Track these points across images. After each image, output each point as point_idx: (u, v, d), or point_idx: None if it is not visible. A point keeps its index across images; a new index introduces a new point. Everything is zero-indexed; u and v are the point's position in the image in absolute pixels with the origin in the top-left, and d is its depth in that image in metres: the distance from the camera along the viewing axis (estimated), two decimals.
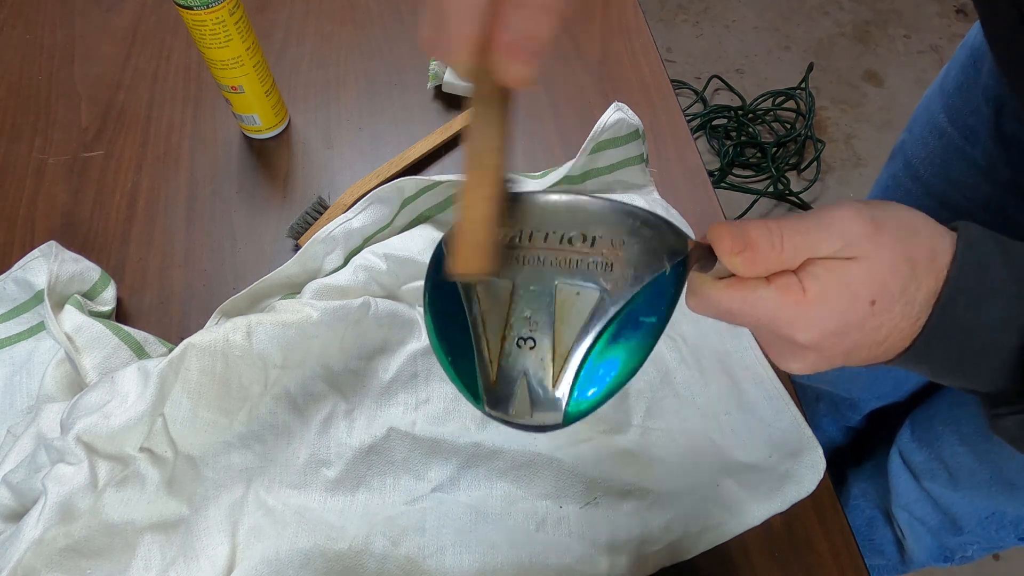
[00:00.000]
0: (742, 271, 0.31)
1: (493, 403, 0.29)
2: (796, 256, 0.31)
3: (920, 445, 0.78)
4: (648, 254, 0.30)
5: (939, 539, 0.83)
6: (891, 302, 0.31)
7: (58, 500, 0.43)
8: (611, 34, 0.76)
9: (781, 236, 0.31)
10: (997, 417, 0.33)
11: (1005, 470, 0.66)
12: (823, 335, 0.31)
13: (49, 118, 0.72)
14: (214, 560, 0.47)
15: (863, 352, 0.33)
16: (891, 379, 0.85)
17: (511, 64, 0.25)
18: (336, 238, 0.56)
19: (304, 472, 0.50)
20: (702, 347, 0.54)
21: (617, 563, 0.47)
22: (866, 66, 1.81)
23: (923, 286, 0.31)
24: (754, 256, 0.30)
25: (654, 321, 0.29)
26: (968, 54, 0.61)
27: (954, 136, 0.62)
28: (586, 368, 0.29)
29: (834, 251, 0.31)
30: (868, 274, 0.31)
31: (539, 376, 0.29)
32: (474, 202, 0.28)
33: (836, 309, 0.31)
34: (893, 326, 0.32)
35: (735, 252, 0.30)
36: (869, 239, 0.31)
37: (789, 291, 0.31)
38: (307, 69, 0.75)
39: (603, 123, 0.58)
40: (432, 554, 0.48)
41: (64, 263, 0.55)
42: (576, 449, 0.51)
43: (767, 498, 0.48)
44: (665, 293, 0.30)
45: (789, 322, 0.31)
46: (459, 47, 0.25)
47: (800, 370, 0.34)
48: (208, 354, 0.48)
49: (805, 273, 0.31)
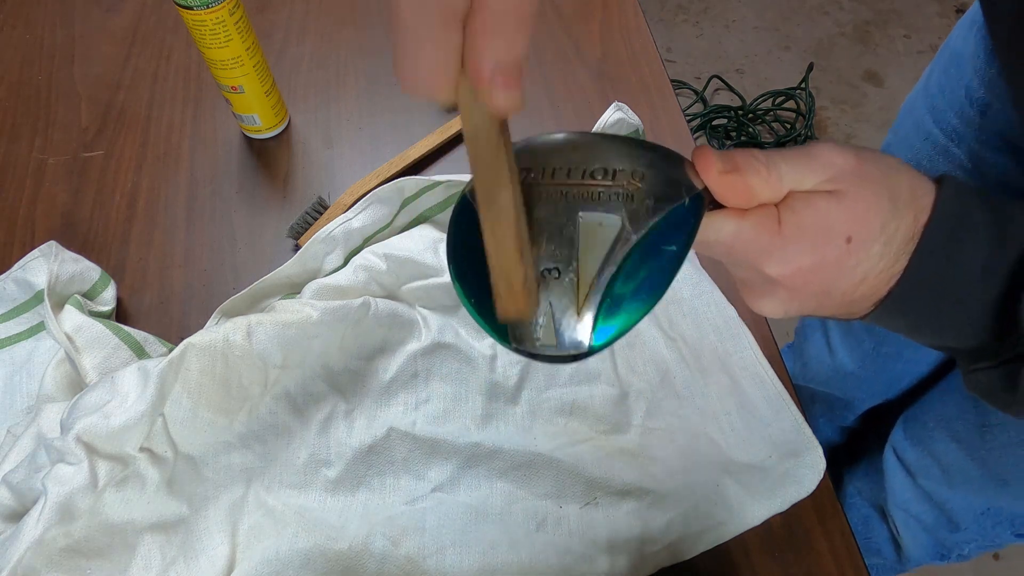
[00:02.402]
0: (728, 197, 0.31)
1: (519, 337, 0.29)
2: (781, 184, 0.31)
3: (913, 443, 0.78)
4: (667, 186, 0.30)
5: (935, 537, 0.83)
6: (869, 240, 0.31)
7: (58, 500, 0.43)
8: (611, 34, 0.76)
9: (766, 162, 0.31)
10: (973, 373, 0.33)
11: (996, 466, 0.66)
12: (795, 270, 0.31)
13: (49, 118, 0.72)
14: (214, 560, 0.47)
15: (836, 297, 0.32)
16: (884, 378, 0.86)
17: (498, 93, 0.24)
18: (336, 238, 0.56)
19: (304, 472, 0.50)
20: (702, 347, 0.55)
21: (617, 563, 0.47)
22: (866, 66, 1.81)
23: (902, 225, 0.31)
24: (739, 179, 0.30)
25: (674, 250, 0.30)
26: (950, 55, 0.62)
27: (939, 137, 0.62)
28: (610, 295, 0.29)
29: (818, 183, 0.31)
30: (847, 210, 0.31)
31: (564, 305, 0.29)
32: (499, 246, 0.28)
33: (811, 243, 0.31)
34: (870, 267, 0.31)
35: (722, 171, 0.30)
36: (853, 172, 0.31)
37: (765, 222, 0.31)
38: (307, 69, 0.75)
39: (603, 123, 0.58)
40: (432, 554, 0.48)
41: (64, 263, 0.55)
42: (576, 449, 0.51)
43: (767, 498, 0.48)
44: (685, 223, 0.30)
45: (762, 253, 0.31)
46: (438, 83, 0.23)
47: (772, 311, 0.34)
48: (208, 354, 0.48)
49: (784, 206, 0.31)
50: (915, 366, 0.82)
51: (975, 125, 0.58)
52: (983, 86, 0.56)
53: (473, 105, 0.25)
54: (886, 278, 0.32)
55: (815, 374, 0.95)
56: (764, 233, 0.31)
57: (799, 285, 0.32)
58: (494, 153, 0.27)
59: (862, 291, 0.32)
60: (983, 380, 0.33)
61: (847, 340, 0.86)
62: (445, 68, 0.23)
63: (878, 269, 0.31)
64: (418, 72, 0.23)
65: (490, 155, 0.27)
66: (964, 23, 0.61)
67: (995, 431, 0.64)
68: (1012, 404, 0.32)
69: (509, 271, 0.28)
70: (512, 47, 0.23)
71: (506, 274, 0.28)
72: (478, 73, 0.23)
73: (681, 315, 0.56)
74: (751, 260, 0.32)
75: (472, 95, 0.25)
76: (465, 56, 0.23)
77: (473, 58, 0.23)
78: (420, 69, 0.23)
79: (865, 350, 0.83)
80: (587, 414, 0.52)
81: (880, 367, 0.83)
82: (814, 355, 0.93)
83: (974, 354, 0.33)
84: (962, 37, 0.60)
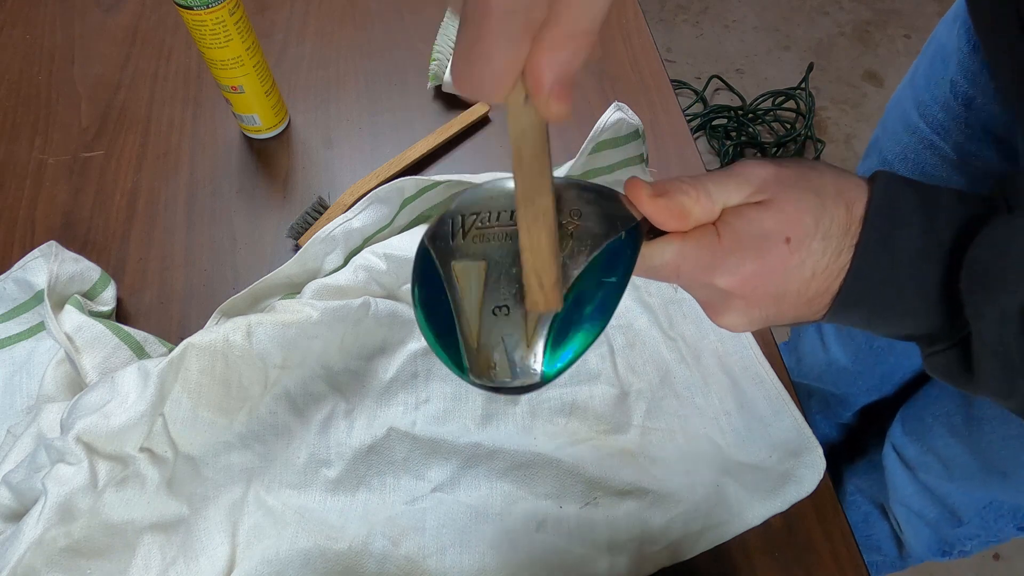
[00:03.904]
0: (665, 221, 0.33)
1: (477, 372, 0.31)
2: (711, 203, 0.33)
3: (912, 439, 0.78)
4: (604, 221, 0.33)
5: (938, 532, 0.83)
6: (807, 237, 0.32)
7: (58, 500, 0.43)
8: (611, 34, 0.76)
9: (693, 183, 0.33)
10: (931, 356, 0.34)
11: (995, 460, 0.66)
12: (743, 278, 0.33)
13: (49, 118, 0.72)
14: (214, 560, 0.47)
15: (791, 297, 0.34)
16: (878, 373, 0.86)
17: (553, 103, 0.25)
18: (336, 238, 0.56)
19: (304, 472, 0.50)
20: (702, 347, 0.55)
21: (617, 563, 0.47)
22: (866, 66, 1.81)
23: (836, 217, 0.32)
24: (670, 201, 0.32)
25: (614, 280, 0.32)
26: (935, 50, 0.63)
27: (925, 131, 0.63)
28: (557, 327, 0.31)
29: (744, 197, 0.33)
30: (777, 213, 0.32)
31: (515, 339, 0.31)
32: (534, 245, 0.30)
33: (751, 250, 0.33)
34: (816, 263, 0.33)
35: (651, 195, 0.32)
36: (774, 180, 0.33)
37: (705, 238, 0.33)
38: (307, 69, 0.75)
39: (603, 123, 0.58)
40: (432, 554, 0.48)
41: (64, 263, 0.55)
42: (576, 449, 0.51)
43: (767, 498, 0.48)
44: (622, 255, 0.32)
45: (708, 268, 0.33)
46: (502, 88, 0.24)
47: (735, 324, 0.35)
48: (208, 354, 0.48)
49: (720, 222, 0.33)
50: (908, 360, 0.82)
51: (960, 119, 0.59)
52: (967, 80, 0.57)
53: (523, 109, 0.27)
54: (835, 272, 0.33)
55: (809, 370, 0.95)
56: (705, 249, 0.33)
57: (750, 292, 0.33)
58: (538, 157, 0.28)
59: (815, 287, 0.33)
60: (941, 362, 0.34)
61: (840, 335, 0.86)
62: (513, 72, 0.24)
63: (824, 264, 0.33)
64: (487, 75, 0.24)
65: (534, 158, 0.28)
66: (948, 18, 0.62)
67: (992, 424, 0.64)
68: (970, 383, 0.33)
69: (542, 269, 0.30)
70: (573, 63, 0.24)
71: (539, 272, 0.30)
72: (539, 82, 0.24)
73: (681, 315, 0.56)
74: (701, 278, 0.34)
75: (523, 100, 0.26)
76: (529, 65, 0.24)
77: (538, 68, 0.24)
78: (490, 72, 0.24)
79: (858, 344, 0.84)
80: (587, 414, 0.52)
81: (873, 362, 0.84)
82: (808, 351, 0.94)
83: (929, 339, 0.34)
84: (946, 32, 0.61)
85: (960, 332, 0.32)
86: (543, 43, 0.24)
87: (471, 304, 0.32)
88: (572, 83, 0.25)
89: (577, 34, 0.24)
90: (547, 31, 0.23)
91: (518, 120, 0.27)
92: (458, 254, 0.33)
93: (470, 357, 0.31)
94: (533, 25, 0.23)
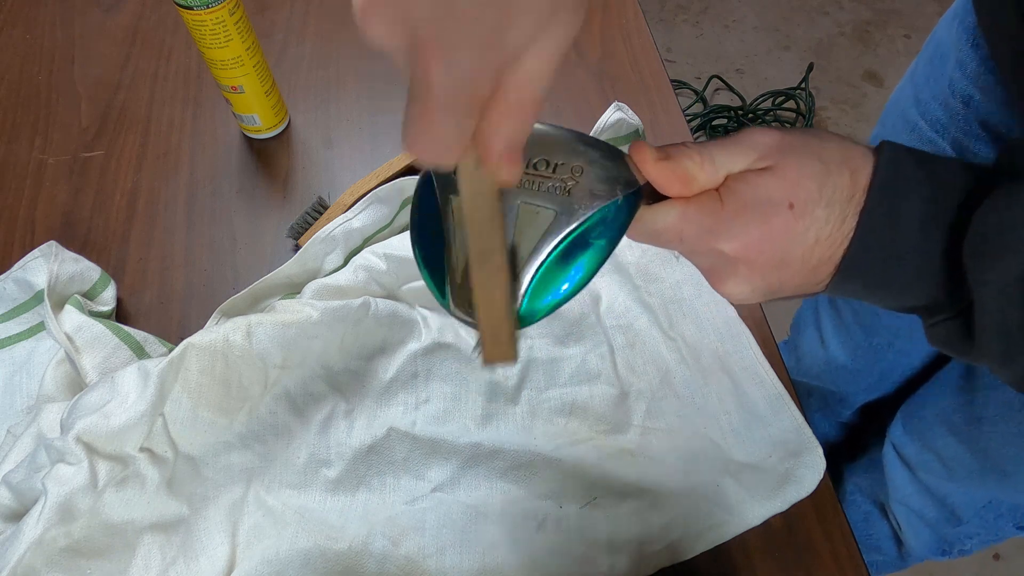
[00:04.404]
0: (668, 185, 0.33)
1: (458, 303, 0.32)
2: (715, 168, 0.33)
3: (912, 438, 0.78)
4: (604, 182, 0.33)
5: (938, 531, 0.83)
6: (811, 203, 0.32)
7: (58, 500, 0.43)
8: (611, 34, 0.76)
9: (698, 149, 0.33)
10: (932, 327, 0.34)
11: (995, 458, 0.66)
12: (747, 243, 0.33)
13: (49, 118, 0.72)
14: (214, 560, 0.47)
15: (795, 264, 0.34)
16: (876, 371, 0.86)
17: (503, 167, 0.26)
18: (336, 238, 0.56)
19: (304, 472, 0.50)
20: (702, 347, 0.54)
21: (617, 563, 0.47)
22: (866, 66, 1.81)
23: (840, 183, 0.32)
24: (674, 164, 0.32)
25: (603, 243, 0.32)
26: (935, 47, 0.63)
27: (924, 129, 0.63)
28: (539, 277, 0.32)
29: (749, 163, 0.33)
30: (781, 179, 0.32)
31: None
32: (489, 302, 0.30)
33: (755, 215, 0.33)
34: (819, 230, 0.33)
35: (656, 159, 0.32)
36: (778, 147, 0.33)
37: (708, 203, 0.33)
38: (307, 69, 0.75)
39: (603, 123, 0.58)
40: (432, 554, 0.48)
41: (64, 263, 0.55)
42: (576, 449, 0.51)
43: (767, 498, 0.48)
44: (616, 219, 0.33)
45: (711, 232, 0.33)
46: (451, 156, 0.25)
47: (738, 292, 0.35)
48: (208, 354, 0.48)
49: (723, 188, 0.33)
50: (906, 357, 0.82)
51: (959, 116, 0.59)
52: (966, 78, 0.57)
53: (474, 173, 0.27)
54: (838, 239, 0.33)
55: (808, 368, 0.95)
56: (708, 213, 0.33)
57: (754, 257, 0.33)
58: (490, 217, 0.29)
59: (818, 255, 0.33)
60: (942, 332, 0.34)
61: (839, 333, 0.86)
62: (461, 142, 0.25)
63: (827, 231, 0.33)
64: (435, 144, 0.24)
65: (487, 219, 0.29)
66: (947, 17, 0.62)
67: (992, 423, 0.64)
68: (970, 352, 0.33)
69: (497, 325, 0.31)
70: (522, 131, 0.26)
71: (494, 327, 0.31)
72: (489, 150, 0.25)
73: (681, 315, 0.56)
74: (704, 242, 0.34)
75: (474, 165, 0.27)
76: (479, 134, 0.25)
77: (488, 138, 0.25)
78: (437, 142, 0.24)
79: (856, 342, 0.84)
80: (587, 414, 0.52)
81: (872, 359, 0.84)
82: (807, 349, 0.94)
83: (931, 309, 0.34)
84: (945, 30, 0.61)
85: (962, 302, 0.32)
86: (492, 113, 0.25)
87: (463, 240, 0.32)
88: (522, 148, 0.26)
89: (525, 102, 0.25)
90: (495, 101, 0.24)
91: (470, 183, 0.28)
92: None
93: (453, 289, 0.32)
94: (479, 98, 0.24)
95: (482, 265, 0.30)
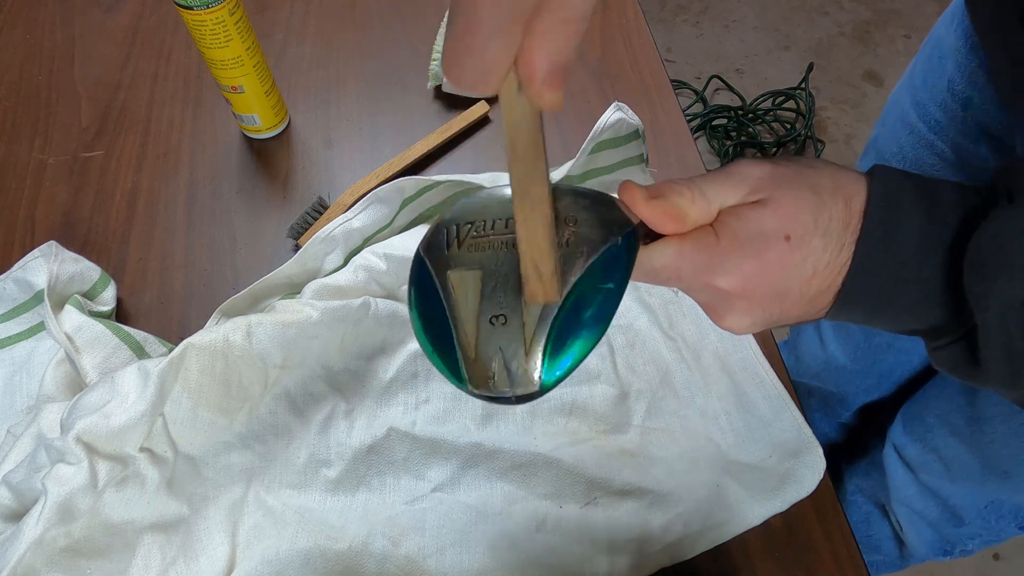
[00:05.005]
0: (662, 223, 0.33)
1: (475, 382, 0.31)
2: (708, 204, 0.33)
3: (913, 439, 0.78)
4: (601, 228, 0.32)
5: (939, 532, 0.83)
6: (807, 234, 0.32)
7: (58, 500, 0.43)
8: (611, 34, 0.76)
9: (689, 184, 0.33)
10: (936, 351, 0.34)
11: (996, 459, 0.66)
12: (744, 278, 0.33)
13: (49, 118, 0.72)
14: (214, 560, 0.47)
15: (793, 296, 0.34)
16: (876, 371, 0.86)
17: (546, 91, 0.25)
18: (336, 238, 0.56)
19: (304, 472, 0.50)
20: (702, 347, 0.55)
21: (617, 563, 0.47)
22: (866, 66, 1.81)
23: (835, 212, 0.32)
24: (665, 202, 0.32)
25: (612, 287, 0.32)
26: (933, 47, 0.63)
27: (923, 130, 0.63)
28: (555, 335, 0.31)
29: (741, 197, 0.33)
30: (775, 212, 0.32)
31: (513, 349, 0.31)
32: (531, 235, 0.30)
33: (750, 249, 0.32)
34: (816, 261, 0.32)
35: (647, 198, 0.32)
36: (771, 179, 0.33)
37: (703, 239, 0.33)
38: (307, 69, 0.75)
39: (603, 123, 0.58)
40: (432, 554, 0.48)
41: (64, 263, 0.55)
42: (576, 449, 0.51)
43: (767, 498, 0.48)
44: (620, 260, 0.32)
45: (708, 269, 0.33)
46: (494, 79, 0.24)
47: (739, 326, 0.35)
48: (208, 354, 0.48)
49: (717, 223, 0.33)
50: (906, 357, 0.82)
51: (957, 118, 0.59)
52: (965, 80, 0.57)
53: (516, 99, 0.26)
54: (836, 269, 0.33)
55: (808, 368, 0.95)
56: (704, 249, 0.33)
57: (751, 291, 0.33)
58: (532, 147, 0.28)
59: (816, 285, 0.33)
60: (947, 356, 0.34)
61: (838, 334, 0.86)
62: (505, 64, 0.24)
63: (825, 261, 0.33)
64: (478, 66, 0.24)
65: (528, 148, 0.28)
66: (946, 17, 0.62)
67: (992, 423, 0.64)
68: (977, 376, 0.33)
69: (539, 259, 0.30)
70: (566, 51, 0.24)
71: (536, 262, 0.30)
72: (532, 71, 0.24)
73: (681, 315, 0.56)
74: (700, 279, 0.33)
75: (516, 90, 0.26)
76: (521, 54, 0.24)
77: (531, 57, 0.24)
78: (482, 62, 0.23)
79: (856, 342, 0.84)
80: (587, 414, 0.52)
81: (871, 360, 0.84)
82: (807, 349, 0.94)
83: (935, 333, 0.34)
84: (944, 31, 0.61)
85: (965, 325, 0.32)
86: (535, 31, 0.23)
87: (468, 314, 0.32)
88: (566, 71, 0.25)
89: (570, 20, 0.23)
90: (539, 18, 0.23)
91: (511, 110, 0.27)
92: (453, 263, 0.33)
93: (468, 367, 0.31)
94: (524, 13, 0.23)
95: (523, 197, 0.29)
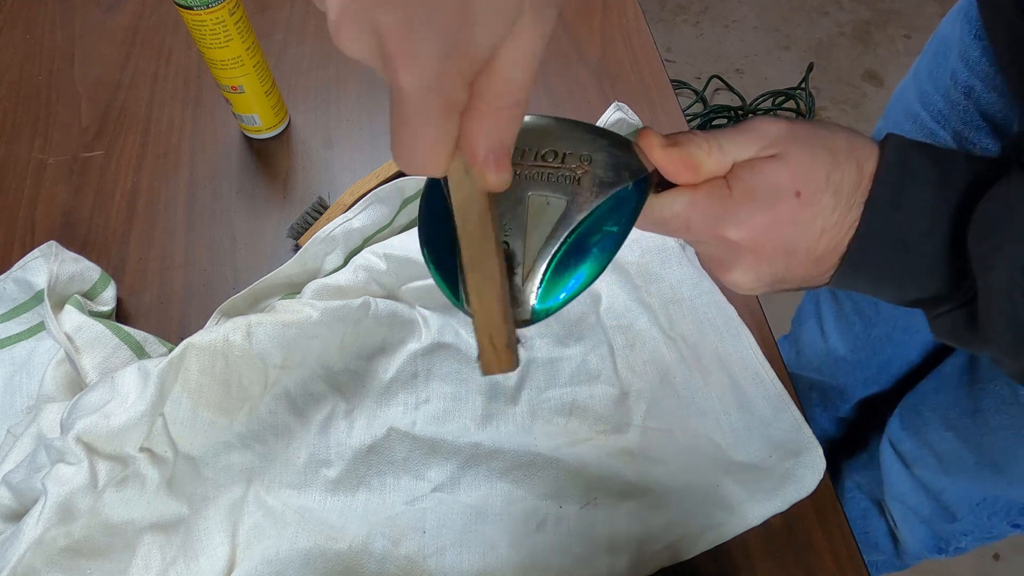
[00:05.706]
0: (676, 172, 0.33)
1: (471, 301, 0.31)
2: (723, 156, 0.33)
3: (908, 433, 0.78)
4: (613, 170, 0.33)
5: (933, 528, 0.83)
6: (818, 191, 0.32)
7: (58, 500, 0.43)
8: (611, 34, 0.76)
9: (706, 136, 0.33)
10: (937, 318, 0.34)
11: (989, 452, 0.66)
12: (753, 230, 0.33)
13: (49, 118, 0.72)
14: (214, 560, 0.47)
15: (800, 254, 0.34)
16: (875, 363, 0.86)
17: (490, 172, 0.25)
18: (336, 238, 0.56)
19: (304, 472, 0.50)
20: (702, 347, 0.54)
21: (617, 563, 0.47)
22: (866, 66, 1.81)
23: (847, 173, 0.33)
24: (682, 151, 0.32)
25: (616, 231, 0.32)
26: (939, 42, 0.64)
27: (926, 119, 0.64)
28: (553, 268, 0.32)
29: (757, 151, 0.33)
30: (788, 167, 0.33)
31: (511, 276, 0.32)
32: (485, 309, 0.30)
33: (762, 203, 0.33)
34: (826, 219, 0.33)
35: (664, 145, 0.32)
36: (787, 135, 0.33)
37: (716, 190, 0.33)
38: (307, 69, 0.75)
39: (603, 123, 0.58)
40: (432, 554, 0.48)
41: (64, 263, 0.55)
42: (576, 449, 0.51)
43: (767, 498, 0.48)
44: (627, 206, 0.33)
45: (718, 219, 0.33)
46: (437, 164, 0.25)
47: (743, 281, 0.35)
48: (208, 354, 0.48)
49: (731, 175, 0.33)
50: (905, 349, 0.82)
51: (960, 107, 0.60)
52: (967, 68, 0.58)
53: (464, 179, 0.27)
54: (844, 228, 0.33)
55: (808, 360, 0.96)
56: (716, 200, 0.33)
57: (760, 245, 0.33)
58: (481, 224, 0.29)
59: (824, 245, 0.33)
60: (947, 323, 0.34)
61: (839, 324, 0.87)
62: (443, 150, 0.25)
63: (833, 220, 0.33)
64: (417, 153, 0.24)
65: (478, 225, 0.29)
66: (951, 15, 0.63)
67: (987, 415, 0.64)
68: (975, 342, 0.33)
69: (494, 332, 0.30)
70: (506, 134, 0.25)
71: (491, 335, 0.30)
72: (473, 155, 0.25)
73: (681, 315, 0.56)
74: (710, 230, 0.34)
75: (463, 171, 0.27)
76: (462, 138, 0.25)
77: (471, 143, 0.25)
78: (419, 150, 0.24)
79: (856, 334, 0.84)
80: (587, 414, 0.52)
81: (871, 352, 0.84)
82: (808, 342, 0.94)
83: (936, 301, 0.34)
84: (949, 26, 0.62)
85: (967, 293, 0.32)
86: (473, 116, 0.24)
87: None
88: (508, 153, 0.26)
89: (504, 106, 0.24)
90: (473, 107, 0.24)
91: (460, 190, 0.28)
92: None
93: (465, 288, 0.31)
94: (455, 105, 0.24)
95: (475, 272, 0.30)
